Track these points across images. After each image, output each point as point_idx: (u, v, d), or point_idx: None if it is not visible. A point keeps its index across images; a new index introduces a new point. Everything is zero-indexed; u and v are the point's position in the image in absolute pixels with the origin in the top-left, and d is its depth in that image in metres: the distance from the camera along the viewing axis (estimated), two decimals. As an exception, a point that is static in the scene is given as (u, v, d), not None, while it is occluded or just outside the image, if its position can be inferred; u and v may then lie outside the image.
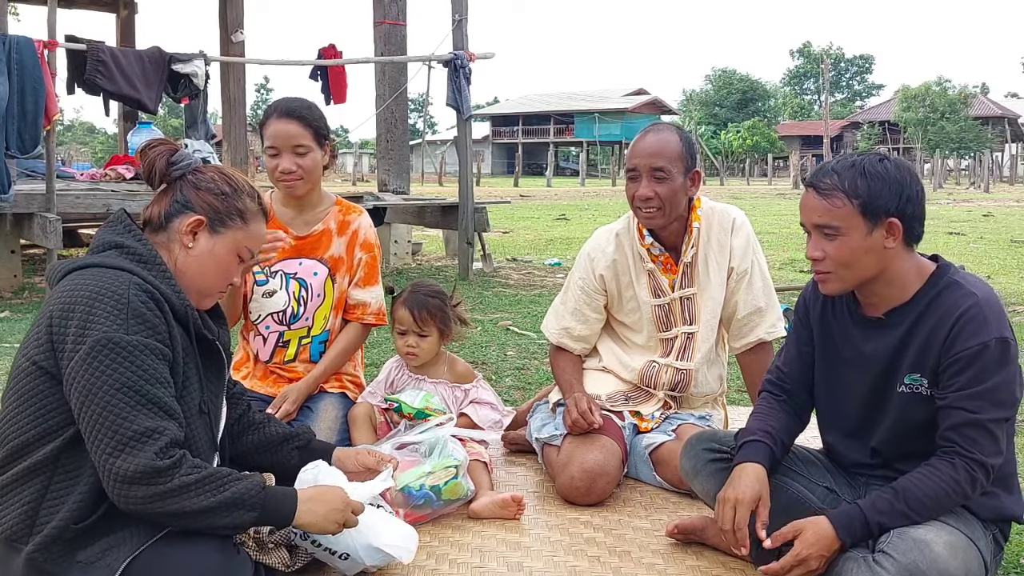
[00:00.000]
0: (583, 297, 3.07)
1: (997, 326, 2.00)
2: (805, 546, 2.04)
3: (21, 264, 7.55)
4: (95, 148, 56.39)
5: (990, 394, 1.99)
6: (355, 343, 3.08)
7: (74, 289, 1.77)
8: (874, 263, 2.07)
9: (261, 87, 78.95)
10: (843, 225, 2.04)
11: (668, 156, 2.79)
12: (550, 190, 33.29)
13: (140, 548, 1.74)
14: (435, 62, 8.14)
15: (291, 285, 2.99)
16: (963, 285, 2.07)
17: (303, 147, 2.86)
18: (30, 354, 1.78)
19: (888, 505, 2.02)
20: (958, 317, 2.02)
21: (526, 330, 5.63)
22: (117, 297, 1.75)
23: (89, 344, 1.71)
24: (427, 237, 11.75)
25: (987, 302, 2.03)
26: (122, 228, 1.91)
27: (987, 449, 2.00)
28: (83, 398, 1.71)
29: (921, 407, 2.10)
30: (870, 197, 2.02)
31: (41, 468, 1.74)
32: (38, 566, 1.70)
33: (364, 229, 3.06)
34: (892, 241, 2.05)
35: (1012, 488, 2.15)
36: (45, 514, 1.73)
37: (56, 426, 1.75)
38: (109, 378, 1.70)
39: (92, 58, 6.68)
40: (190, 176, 1.96)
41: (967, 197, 27.21)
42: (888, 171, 2.04)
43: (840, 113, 72.04)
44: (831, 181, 2.05)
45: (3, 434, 1.79)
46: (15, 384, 1.80)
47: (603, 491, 2.78)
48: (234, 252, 1.98)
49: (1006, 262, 9.71)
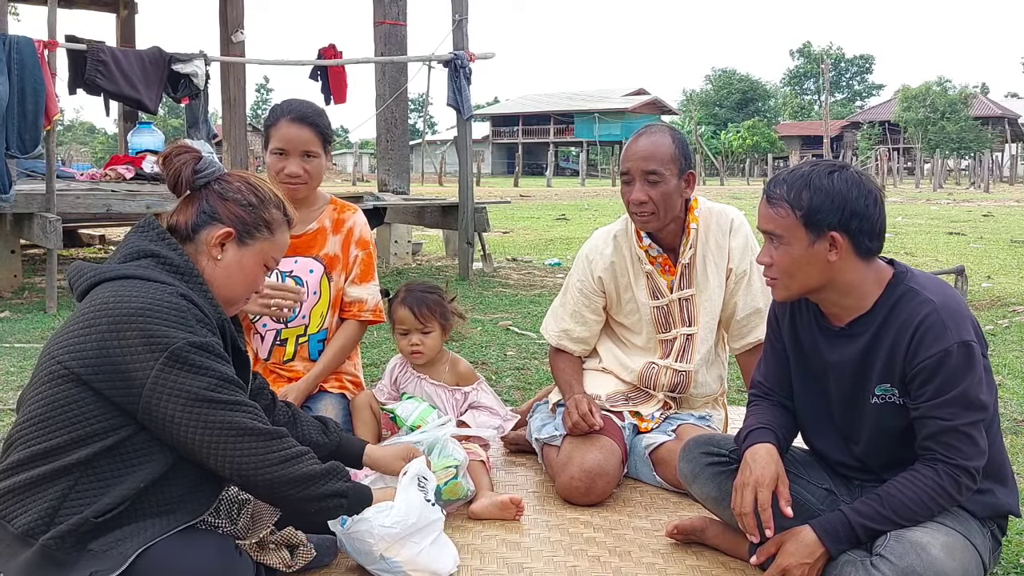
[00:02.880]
0: (582, 299, 3.07)
1: (957, 331, 2.00)
2: (786, 557, 2.05)
3: (21, 264, 7.54)
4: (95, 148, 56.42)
5: (961, 399, 1.99)
6: (352, 340, 3.08)
7: (120, 303, 1.76)
8: (816, 274, 2.07)
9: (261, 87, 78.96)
10: (786, 234, 2.06)
11: (660, 159, 2.78)
12: (550, 190, 33.28)
13: (150, 542, 1.75)
14: (435, 62, 8.14)
15: (287, 283, 2.98)
16: (919, 292, 2.06)
17: (312, 153, 2.89)
18: (65, 361, 1.76)
19: (873, 511, 2.03)
20: (917, 326, 2.02)
21: (526, 330, 5.62)
22: (174, 307, 1.78)
23: (171, 352, 1.73)
24: (427, 237, 11.75)
25: (944, 307, 2.02)
26: (155, 235, 1.91)
27: (967, 453, 2.00)
28: (184, 400, 1.75)
29: (897, 416, 2.11)
30: (811, 210, 2.03)
31: (68, 471, 1.74)
32: (50, 555, 1.71)
33: (359, 227, 3.07)
34: (835, 255, 2.05)
35: (1005, 480, 2.16)
36: (65, 512, 1.73)
37: (92, 433, 1.74)
38: (205, 376, 1.77)
39: (92, 58, 6.68)
40: (215, 185, 1.96)
41: (967, 197, 27.20)
42: (834, 185, 2.03)
43: (840, 113, 72.06)
44: (779, 191, 2.08)
45: (25, 435, 1.78)
46: (44, 389, 1.78)
47: (603, 491, 2.78)
48: (261, 263, 2.00)
49: (1006, 262, 9.70)
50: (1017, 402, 4.02)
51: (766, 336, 2.43)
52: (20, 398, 1.86)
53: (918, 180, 41.71)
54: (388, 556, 2.15)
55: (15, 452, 1.78)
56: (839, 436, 2.27)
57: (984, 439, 2.03)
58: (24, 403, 1.82)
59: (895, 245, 11.56)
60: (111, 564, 1.70)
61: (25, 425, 1.79)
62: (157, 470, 1.78)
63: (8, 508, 1.76)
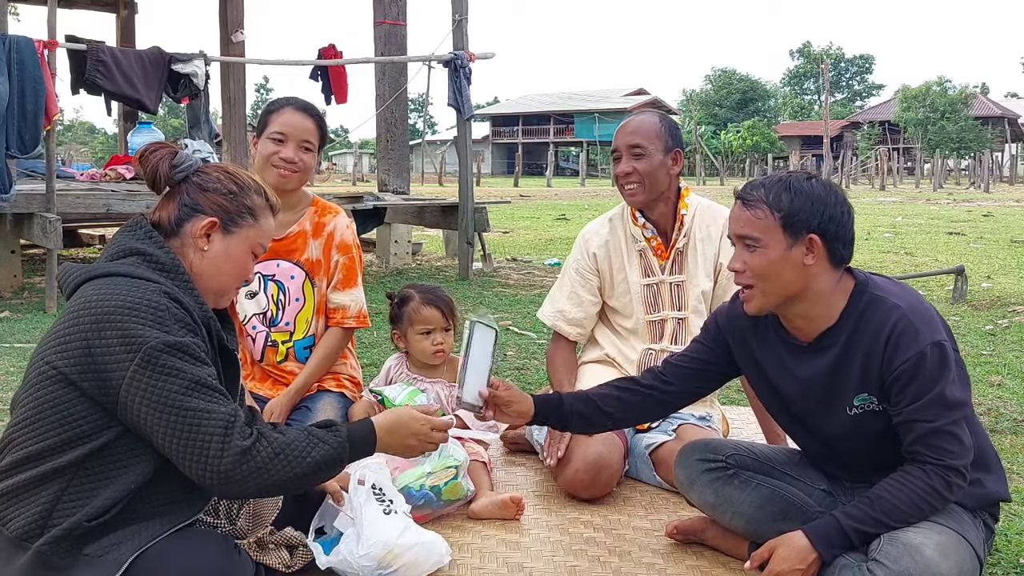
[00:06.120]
0: (577, 279, 3.13)
1: (928, 332, 2.01)
2: (778, 562, 2.05)
3: (21, 264, 7.54)
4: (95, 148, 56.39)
5: (940, 399, 1.99)
6: (336, 348, 3.03)
7: (102, 300, 1.75)
8: (794, 279, 2.07)
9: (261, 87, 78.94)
10: (763, 236, 2.06)
11: (645, 134, 2.92)
12: (550, 190, 33.28)
13: (146, 545, 1.74)
14: (435, 62, 8.14)
15: (269, 287, 2.98)
16: (885, 299, 2.07)
17: (310, 145, 2.88)
18: (53, 361, 1.76)
19: (864, 514, 2.03)
20: (889, 333, 2.02)
21: (526, 330, 5.63)
22: (155, 305, 1.75)
23: (145, 352, 1.71)
24: (427, 237, 11.75)
25: (913, 310, 2.04)
26: (143, 234, 1.90)
27: (955, 452, 2.00)
28: (155, 404, 1.71)
29: (878, 422, 2.11)
30: (791, 211, 2.03)
31: (60, 473, 1.74)
32: (45, 560, 1.70)
33: (340, 230, 3.01)
34: (811, 258, 2.05)
35: (991, 467, 2.16)
36: (59, 516, 1.72)
37: (82, 434, 1.74)
38: (177, 379, 1.72)
39: (92, 58, 6.68)
40: (194, 178, 1.95)
41: (967, 197, 27.19)
42: (813, 189, 2.05)
43: (840, 113, 72.04)
44: (757, 194, 2.08)
45: (18, 438, 1.78)
46: (33, 390, 1.78)
47: (607, 483, 2.80)
48: (248, 250, 1.99)
49: (1006, 262, 9.70)
50: (1017, 402, 4.02)
51: (696, 340, 2.44)
52: (13, 400, 1.86)
53: (918, 180, 41.71)
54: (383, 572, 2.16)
55: (9, 454, 1.77)
56: (819, 445, 2.28)
57: (968, 435, 2.03)
58: (16, 405, 1.82)
59: (895, 245, 11.56)
60: (107, 569, 1.70)
61: (17, 427, 1.78)
62: (148, 470, 1.77)
63: (2, 511, 1.75)
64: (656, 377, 2.39)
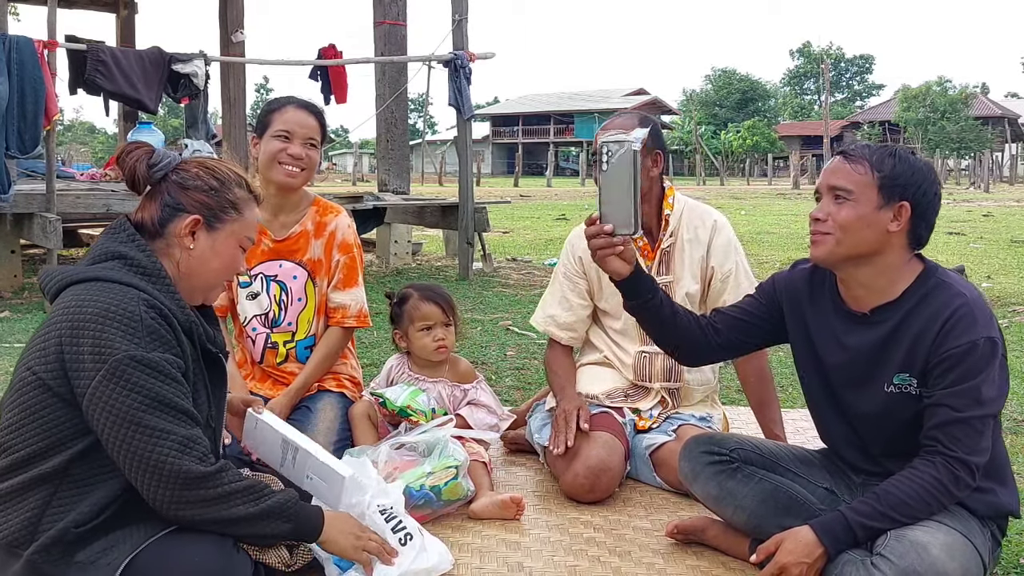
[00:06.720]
0: (566, 283, 3.13)
1: (986, 326, 2.02)
2: (784, 555, 2.05)
3: (21, 264, 7.54)
4: (95, 148, 56.34)
5: (975, 391, 2.00)
6: (337, 348, 3.03)
7: (80, 306, 1.75)
8: (872, 240, 2.07)
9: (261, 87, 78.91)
10: (856, 191, 2.06)
11: (620, 129, 2.86)
12: (550, 190, 33.28)
13: (139, 547, 1.74)
14: (435, 62, 8.14)
15: (271, 288, 2.98)
16: (952, 285, 2.09)
17: (315, 140, 2.90)
18: (34, 367, 1.76)
19: (871, 509, 2.03)
20: (949, 316, 2.03)
21: (526, 330, 5.62)
22: (129, 315, 1.74)
23: (111, 364, 1.70)
24: (427, 237, 11.74)
25: (976, 302, 2.05)
26: (125, 237, 1.88)
27: (969, 447, 2.00)
28: (113, 418, 1.70)
29: (910, 406, 2.11)
30: (892, 175, 2.05)
31: (47, 478, 1.74)
32: (37, 568, 1.70)
33: (341, 230, 3.02)
34: (896, 225, 2.06)
35: (1006, 480, 2.16)
36: (48, 521, 1.72)
37: (64, 439, 1.74)
38: (138, 395, 1.71)
39: (92, 58, 6.68)
40: (174, 176, 1.93)
41: (967, 197, 27.19)
42: (917, 162, 2.09)
43: (840, 113, 72.00)
44: (862, 151, 2.10)
45: (6, 444, 1.78)
46: (17, 396, 1.78)
47: (607, 487, 2.79)
48: (235, 244, 1.97)
49: (1006, 262, 9.70)
50: (1017, 402, 4.03)
51: (751, 296, 2.45)
52: (0, 404, 1.85)
53: (918, 180, 41.58)
54: None
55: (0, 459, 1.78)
56: (843, 424, 2.28)
57: (988, 438, 2.03)
58: (3, 410, 1.82)
59: (895, 245, 11.54)
60: (102, 575, 1.70)
61: (4, 433, 1.79)
62: None
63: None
64: (709, 323, 2.39)
